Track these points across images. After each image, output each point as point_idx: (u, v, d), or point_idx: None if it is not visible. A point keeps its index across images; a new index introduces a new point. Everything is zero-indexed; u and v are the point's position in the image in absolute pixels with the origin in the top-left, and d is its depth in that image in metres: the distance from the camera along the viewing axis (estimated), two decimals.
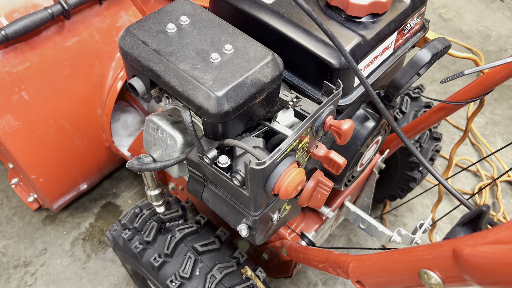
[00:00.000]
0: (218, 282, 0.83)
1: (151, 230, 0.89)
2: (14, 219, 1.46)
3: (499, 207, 1.59)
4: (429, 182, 1.62)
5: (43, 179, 1.16)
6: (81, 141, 1.19)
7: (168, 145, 0.69)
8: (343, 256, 0.62)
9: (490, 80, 0.79)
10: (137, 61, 0.59)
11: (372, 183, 1.14)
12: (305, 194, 0.61)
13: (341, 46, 0.58)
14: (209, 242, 0.88)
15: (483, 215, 0.39)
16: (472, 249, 0.34)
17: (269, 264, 1.11)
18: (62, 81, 1.05)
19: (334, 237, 1.48)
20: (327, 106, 0.59)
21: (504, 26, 2.34)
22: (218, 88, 0.54)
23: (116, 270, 1.36)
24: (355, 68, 0.59)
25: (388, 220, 1.54)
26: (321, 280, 1.37)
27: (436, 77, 2.04)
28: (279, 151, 0.53)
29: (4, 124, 0.99)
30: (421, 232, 0.93)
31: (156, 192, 0.82)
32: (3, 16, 0.92)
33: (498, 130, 1.87)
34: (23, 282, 1.32)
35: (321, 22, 0.58)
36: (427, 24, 0.82)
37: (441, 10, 2.40)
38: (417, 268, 0.41)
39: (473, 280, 0.35)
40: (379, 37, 0.68)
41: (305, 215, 1.04)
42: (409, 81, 0.70)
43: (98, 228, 1.45)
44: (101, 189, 1.54)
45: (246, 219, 0.65)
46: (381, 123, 0.79)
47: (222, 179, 0.60)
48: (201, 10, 0.66)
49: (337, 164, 0.61)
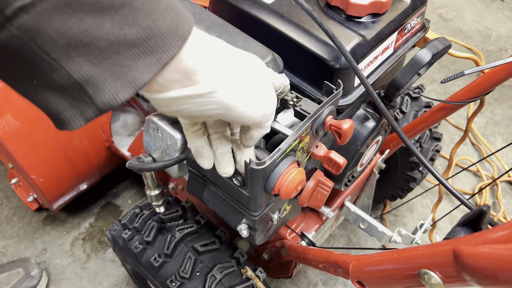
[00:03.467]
0: (218, 282, 0.83)
1: (151, 230, 0.89)
2: (14, 219, 1.46)
3: (499, 207, 1.59)
4: (429, 182, 1.62)
5: (43, 179, 1.16)
6: (81, 141, 1.19)
7: (168, 145, 0.69)
8: (343, 256, 0.62)
9: (490, 80, 0.78)
10: None
11: (372, 183, 1.14)
12: (305, 194, 0.61)
13: (341, 45, 0.58)
14: (209, 242, 0.88)
15: (483, 215, 0.39)
16: (472, 249, 0.34)
17: (269, 264, 1.11)
18: None
19: (334, 237, 1.48)
20: (327, 106, 0.59)
21: (504, 26, 2.34)
22: None
23: (116, 270, 1.35)
24: (355, 68, 0.59)
25: (388, 220, 1.54)
26: (321, 280, 1.37)
27: (436, 77, 2.04)
28: (279, 151, 0.53)
29: (4, 124, 0.99)
30: (421, 232, 0.93)
31: (156, 192, 0.82)
32: None
33: (498, 130, 1.87)
34: None
35: (321, 22, 0.58)
36: (427, 24, 0.82)
37: (441, 10, 2.40)
38: (417, 268, 0.41)
39: (473, 280, 0.35)
40: (379, 37, 0.68)
41: (305, 215, 1.04)
42: (409, 81, 0.70)
43: (98, 228, 1.45)
44: (101, 189, 1.54)
45: (246, 219, 0.65)
46: (381, 123, 0.79)
47: (222, 179, 0.60)
48: (201, 10, 0.66)
49: (337, 164, 0.61)
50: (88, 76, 0.30)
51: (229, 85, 0.40)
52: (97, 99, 0.32)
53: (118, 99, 0.32)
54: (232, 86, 0.40)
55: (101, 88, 0.31)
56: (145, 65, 0.32)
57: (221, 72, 0.39)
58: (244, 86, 0.41)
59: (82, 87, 0.31)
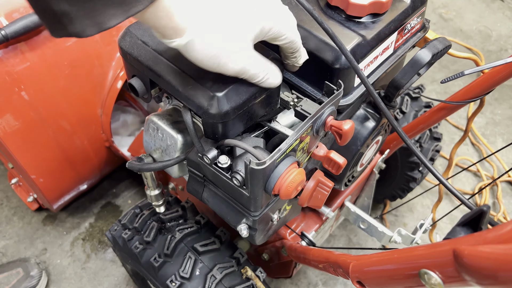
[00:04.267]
0: (218, 282, 0.83)
1: (151, 230, 0.89)
2: (14, 219, 1.46)
3: (500, 207, 1.59)
4: (429, 182, 1.62)
5: (43, 179, 1.16)
6: (81, 141, 1.19)
7: (168, 145, 0.69)
8: (343, 256, 0.62)
9: (490, 80, 0.78)
10: (137, 61, 0.59)
11: (372, 183, 1.14)
12: (305, 194, 0.61)
13: (342, 45, 0.58)
14: (209, 242, 0.88)
15: (483, 215, 0.39)
16: (472, 249, 0.34)
17: (269, 264, 1.11)
18: (62, 81, 1.05)
19: (334, 237, 1.48)
20: (328, 107, 0.59)
21: (504, 26, 2.34)
22: (218, 88, 0.54)
23: (116, 270, 1.35)
24: (356, 68, 0.59)
25: (388, 220, 1.54)
26: (321, 280, 1.37)
27: (436, 77, 2.04)
28: (280, 151, 0.53)
29: (4, 124, 0.99)
30: (421, 232, 0.93)
31: (156, 192, 0.82)
32: (3, 16, 0.92)
33: (498, 130, 1.87)
34: None
35: (322, 21, 0.57)
36: (427, 24, 0.82)
37: (441, 10, 2.40)
38: (417, 268, 0.41)
39: (473, 280, 0.35)
40: (379, 37, 0.68)
41: (305, 215, 1.04)
42: (409, 81, 0.70)
43: (98, 228, 1.45)
44: (101, 189, 1.54)
45: (246, 219, 0.65)
46: (381, 123, 0.79)
47: (222, 179, 0.60)
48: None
49: (337, 164, 0.61)
50: (64, 11, 0.39)
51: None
52: (69, 28, 0.40)
53: (85, 34, 0.41)
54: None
55: (73, 22, 0.39)
56: (112, 14, 0.40)
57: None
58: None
59: (59, 17, 0.39)
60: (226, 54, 0.49)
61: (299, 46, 0.57)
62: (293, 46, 0.56)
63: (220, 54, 0.49)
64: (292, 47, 0.56)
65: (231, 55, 0.50)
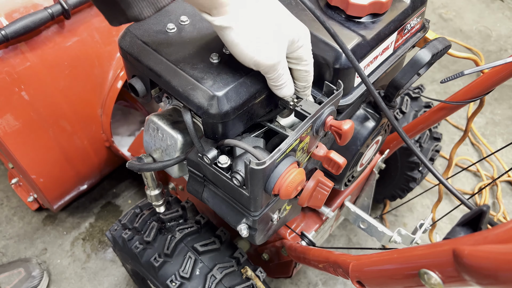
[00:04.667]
0: (218, 282, 0.83)
1: (151, 230, 0.89)
2: (14, 219, 1.46)
3: (499, 207, 1.59)
4: (429, 182, 1.62)
5: (43, 179, 1.16)
6: (81, 141, 1.19)
7: (168, 145, 0.69)
8: (343, 256, 0.62)
9: (490, 80, 0.79)
10: (137, 61, 0.59)
11: (372, 183, 1.14)
12: (305, 194, 0.61)
13: (343, 44, 0.58)
14: (209, 242, 0.88)
15: (483, 215, 0.39)
16: (472, 249, 0.34)
17: (269, 264, 1.11)
18: (62, 81, 1.05)
19: (334, 237, 1.48)
20: (328, 107, 0.59)
21: (504, 26, 2.34)
22: (219, 88, 0.54)
23: (116, 270, 1.36)
24: (357, 67, 0.59)
25: (388, 220, 1.54)
26: (321, 280, 1.37)
27: (436, 77, 2.04)
28: (279, 151, 0.53)
29: (4, 124, 0.99)
30: (421, 232, 0.93)
31: (156, 192, 0.82)
32: (3, 16, 0.92)
33: (498, 130, 1.87)
34: None
35: (323, 20, 0.57)
36: (427, 24, 0.82)
37: (441, 10, 2.40)
38: (417, 268, 0.41)
39: (473, 280, 0.35)
40: (379, 37, 0.68)
41: (305, 215, 1.04)
42: (409, 81, 0.70)
43: (98, 228, 1.45)
44: (101, 189, 1.54)
45: (246, 219, 0.65)
46: (381, 123, 0.79)
47: (222, 179, 0.60)
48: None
49: (337, 164, 0.61)
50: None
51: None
52: (128, 13, 0.44)
53: (143, 15, 0.44)
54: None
55: (131, 5, 0.43)
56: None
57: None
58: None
59: (118, 3, 0.43)
60: (267, 46, 0.51)
61: (311, 81, 0.59)
62: (308, 79, 0.58)
63: (261, 43, 0.50)
64: (307, 79, 0.58)
65: (271, 49, 0.51)
